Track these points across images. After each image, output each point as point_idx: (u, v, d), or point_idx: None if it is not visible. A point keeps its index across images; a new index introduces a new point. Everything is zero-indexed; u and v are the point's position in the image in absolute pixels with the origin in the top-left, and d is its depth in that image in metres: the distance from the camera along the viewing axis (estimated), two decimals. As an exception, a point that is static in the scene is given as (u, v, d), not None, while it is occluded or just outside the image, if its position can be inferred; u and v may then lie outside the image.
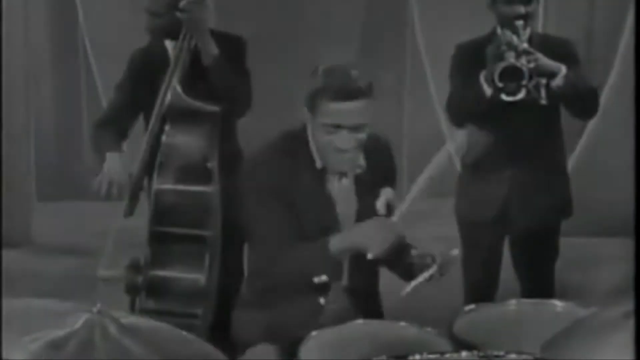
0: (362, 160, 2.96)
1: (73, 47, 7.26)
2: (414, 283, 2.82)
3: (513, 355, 2.23)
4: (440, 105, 6.36)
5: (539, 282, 4.01)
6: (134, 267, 3.55)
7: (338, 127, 2.82)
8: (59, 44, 7.34)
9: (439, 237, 4.50)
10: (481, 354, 2.27)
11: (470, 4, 5.87)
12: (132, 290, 3.56)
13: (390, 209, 3.01)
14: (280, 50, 6.40)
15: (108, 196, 3.67)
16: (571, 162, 5.36)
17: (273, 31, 6.28)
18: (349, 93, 2.78)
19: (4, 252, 5.95)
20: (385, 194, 3.01)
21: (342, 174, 2.97)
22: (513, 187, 3.91)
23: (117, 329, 2.14)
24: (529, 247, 4.01)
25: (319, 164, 2.94)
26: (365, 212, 2.97)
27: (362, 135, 2.85)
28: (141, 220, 3.81)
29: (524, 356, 2.23)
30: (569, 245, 4.21)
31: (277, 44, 6.39)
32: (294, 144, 2.95)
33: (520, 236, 4.01)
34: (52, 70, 7.36)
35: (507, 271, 4.13)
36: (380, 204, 2.99)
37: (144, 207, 3.85)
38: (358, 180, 2.99)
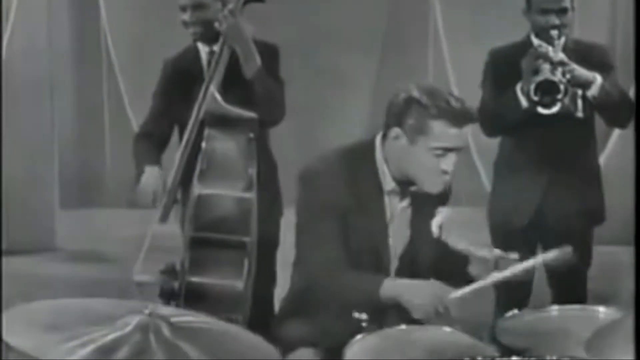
0: None
1: (96, 54, 7.28)
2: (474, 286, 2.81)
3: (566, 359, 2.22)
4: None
5: (571, 289, 4.00)
6: (169, 272, 3.56)
7: (448, 150, 2.80)
8: (81, 50, 7.36)
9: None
10: (532, 358, 2.26)
11: (495, 10, 5.89)
12: (167, 295, 3.55)
13: (442, 229, 2.96)
14: (302, 59, 6.41)
15: (150, 205, 3.70)
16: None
17: (295, 39, 6.29)
18: (467, 117, 2.79)
19: (29, 259, 6.00)
20: (442, 213, 2.96)
21: (404, 195, 2.94)
22: (547, 194, 3.93)
23: (170, 331, 2.13)
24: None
25: (389, 185, 2.91)
26: (420, 233, 2.95)
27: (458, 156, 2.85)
28: (169, 226, 3.85)
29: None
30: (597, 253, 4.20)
31: (299, 52, 6.40)
32: (359, 161, 2.91)
33: (553, 242, 4.00)
34: (75, 78, 7.38)
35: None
36: (435, 224, 2.95)
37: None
38: (415, 200, 2.96)
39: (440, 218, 2.95)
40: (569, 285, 4.03)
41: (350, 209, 2.86)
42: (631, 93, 6.02)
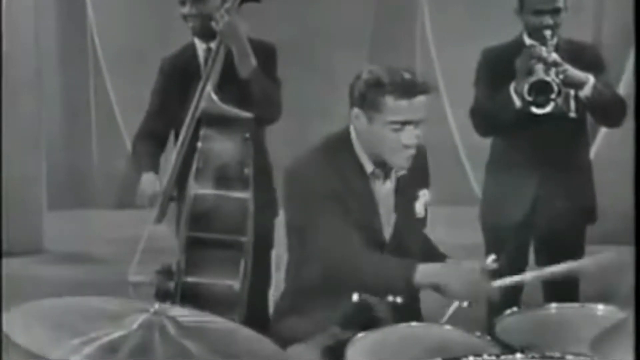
0: None
1: (82, 53, 7.24)
2: (451, 309, 2.84)
3: (570, 357, 2.23)
4: (453, 112, 6.37)
5: (563, 288, 4.01)
6: (165, 272, 3.55)
7: (406, 123, 2.85)
8: (68, 49, 7.32)
9: (461, 245, 4.53)
10: (536, 355, 2.27)
11: (484, 10, 5.90)
12: (163, 295, 3.55)
13: (426, 210, 3.07)
14: (298, 58, 6.40)
15: (147, 205, 3.73)
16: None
17: (291, 39, 6.28)
18: (417, 88, 2.83)
19: (17, 260, 5.97)
20: (424, 195, 3.07)
21: (387, 176, 3.00)
22: (539, 194, 3.95)
23: (176, 330, 2.10)
24: (554, 252, 4.01)
25: (369, 168, 2.97)
26: (404, 213, 3.02)
27: (420, 131, 2.90)
28: (164, 227, 3.85)
29: (581, 357, 2.23)
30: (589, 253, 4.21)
31: (295, 51, 6.39)
32: (339, 148, 2.97)
33: (546, 241, 4.03)
34: (62, 77, 7.35)
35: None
36: (419, 206, 3.05)
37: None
38: (399, 182, 3.02)
39: (423, 199, 3.04)
40: (561, 284, 4.05)
41: (342, 194, 2.90)
42: (621, 91, 6.09)
